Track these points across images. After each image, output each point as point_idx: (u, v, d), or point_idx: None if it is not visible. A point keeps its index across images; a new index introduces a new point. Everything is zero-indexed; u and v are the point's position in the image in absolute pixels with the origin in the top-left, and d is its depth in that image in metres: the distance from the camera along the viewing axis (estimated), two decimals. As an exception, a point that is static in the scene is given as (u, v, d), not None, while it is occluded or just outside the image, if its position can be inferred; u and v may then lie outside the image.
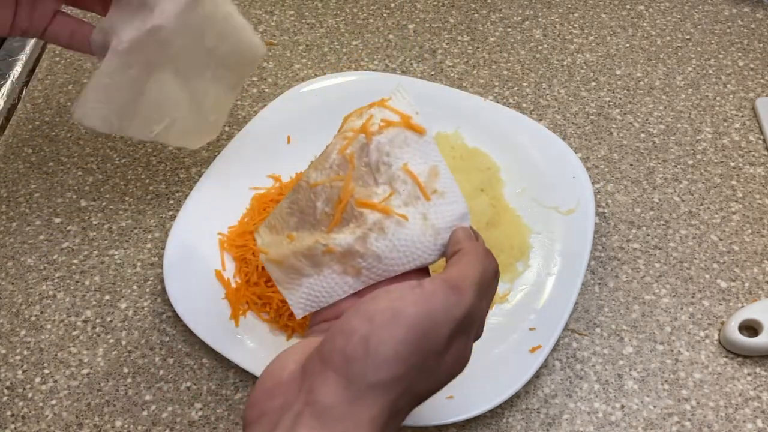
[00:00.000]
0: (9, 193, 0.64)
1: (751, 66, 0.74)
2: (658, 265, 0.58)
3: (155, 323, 0.55)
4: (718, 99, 0.71)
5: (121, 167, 0.65)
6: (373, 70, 0.73)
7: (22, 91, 0.72)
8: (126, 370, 0.53)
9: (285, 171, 0.62)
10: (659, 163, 0.65)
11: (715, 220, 0.61)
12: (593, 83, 0.72)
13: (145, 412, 0.51)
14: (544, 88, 0.71)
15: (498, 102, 0.68)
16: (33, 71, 0.74)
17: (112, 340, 0.54)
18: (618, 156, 0.66)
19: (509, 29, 0.77)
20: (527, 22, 0.78)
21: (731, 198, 0.63)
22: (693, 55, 0.75)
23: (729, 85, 0.72)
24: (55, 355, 0.54)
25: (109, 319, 0.56)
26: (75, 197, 0.63)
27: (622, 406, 0.51)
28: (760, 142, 0.67)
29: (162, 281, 0.56)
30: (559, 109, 0.70)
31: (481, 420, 0.50)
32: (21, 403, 0.51)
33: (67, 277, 0.58)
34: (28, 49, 0.75)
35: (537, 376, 0.52)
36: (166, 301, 0.56)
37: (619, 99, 0.71)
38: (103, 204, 0.63)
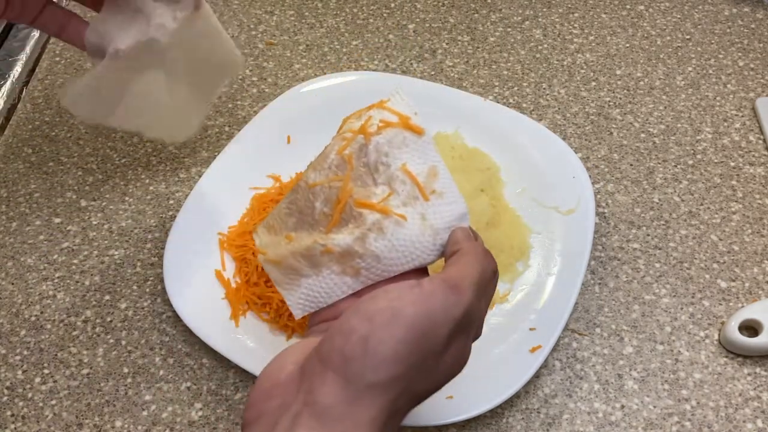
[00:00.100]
0: (9, 193, 0.64)
1: (751, 66, 0.74)
2: (658, 265, 0.58)
3: (155, 323, 0.55)
4: (718, 99, 0.71)
5: (121, 167, 0.65)
6: (373, 70, 0.73)
7: (22, 91, 0.72)
8: (126, 370, 0.53)
9: (285, 171, 0.62)
10: (659, 163, 0.65)
11: (715, 220, 0.61)
12: (593, 83, 0.72)
13: (145, 412, 0.51)
14: (544, 88, 0.71)
15: (498, 102, 0.68)
16: (33, 71, 0.74)
17: (112, 340, 0.54)
18: (618, 156, 0.66)
19: (509, 29, 0.77)
20: (527, 22, 0.78)
21: (731, 198, 0.63)
22: (693, 55, 0.75)
23: (729, 85, 0.72)
24: (55, 355, 0.54)
25: (109, 319, 0.56)
26: (75, 197, 0.63)
27: (622, 406, 0.51)
28: (760, 142, 0.67)
29: (162, 281, 0.56)
30: (559, 109, 0.70)
31: (481, 420, 0.50)
32: (21, 403, 0.51)
33: (67, 277, 0.58)
34: (28, 49, 0.75)
35: (537, 376, 0.52)
36: (166, 301, 0.56)
37: (619, 99, 0.71)
38: (103, 204, 0.63)
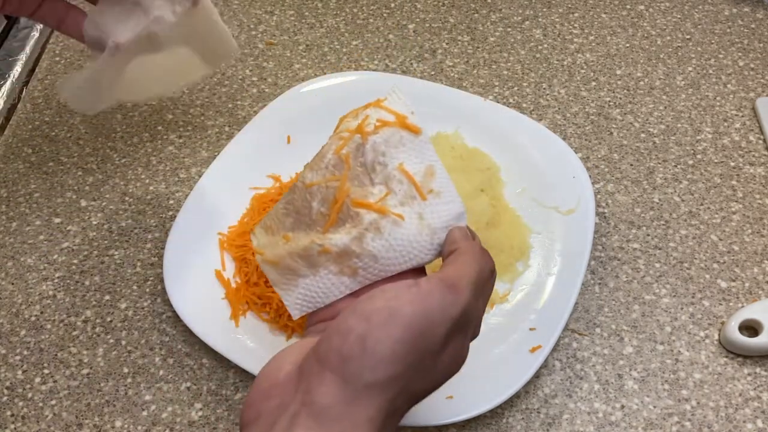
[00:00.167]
0: (9, 193, 0.64)
1: (751, 66, 0.74)
2: (658, 265, 0.58)
3: (155, 323, 0.55)
4: (718, 99, 0.71)
5: (121, 167, 0.65)
6: (373, 70, 0.73)
7: (22, 91, 0.72)
8: (126, 370, 0.53)
9: (285, 171, 0.62)
10: (659, 163, 0.65)
11: (715, 220, 0.61)
12: (593, 83, 0.72)
13: (145, 412, 0.51)
14: (544, 88, 0.71)
15: (498, 102, 0.68)
16: (33, 71, 0.74)
17: (112, 340, 0.55)
18: (618, 156, 0.66)
19: (509, 29, 0.77)
20: (527, 22, 0.78)
21: (731, 198, 0.63)
22: (693, 55, 0.75)
23: (729, 85, 0.72)
24: (55, 355, 0.54)
25: (109, 319, 0.56)
26: (75, 197, 0.63)
27: (622, 406, 0.51)
28: (760, 142, 0.67)
29: (162, 281, 0.56)
30: (559, 109, 0.70)
31: (481, 420, 0.50)
32: (21, 403, 0.51)
33: (67, 277, 0.58)
34: (28, 49, 0.75)
35: (537, 376, 0.52)
36: (166, 301, 0.56)
37: (619, 99, 0.71)
38: (103, 204, 0.63)
